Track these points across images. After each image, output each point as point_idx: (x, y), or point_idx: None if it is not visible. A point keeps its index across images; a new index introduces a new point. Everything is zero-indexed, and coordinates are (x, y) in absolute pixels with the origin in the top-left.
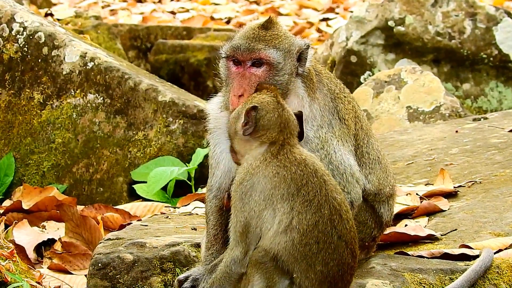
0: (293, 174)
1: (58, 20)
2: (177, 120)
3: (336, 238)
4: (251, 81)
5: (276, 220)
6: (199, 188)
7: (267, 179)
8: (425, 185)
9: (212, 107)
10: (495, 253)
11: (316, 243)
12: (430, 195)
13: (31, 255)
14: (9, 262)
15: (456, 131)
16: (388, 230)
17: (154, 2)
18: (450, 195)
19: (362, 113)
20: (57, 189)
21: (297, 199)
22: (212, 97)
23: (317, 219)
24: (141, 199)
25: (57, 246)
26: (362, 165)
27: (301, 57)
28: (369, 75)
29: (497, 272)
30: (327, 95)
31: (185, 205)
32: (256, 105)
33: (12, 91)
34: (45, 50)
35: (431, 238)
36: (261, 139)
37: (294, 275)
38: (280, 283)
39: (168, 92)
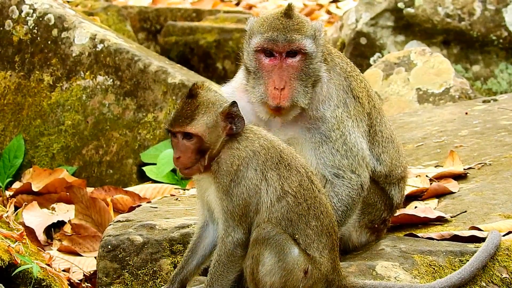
0: (272, 143)
1: (68, 2)
2: None
3: (318, 192)
4: (289, 73)
5: (270, 190)
6: None
7: (257, 153)
8: (435, 167)
9: (227, 90)
10: (504, 235)
11: (305, 201)
12: (439, 177)
13: (41, 237)
14: (19, 244)
15: (466, 113)
16: (397, 212)
17: None
18: (459, 177)
19: (374, 92)
20: (67, 171)
21: (280, 166)
22: (228, 81)
23: (299, 179)
24: (150, 181)
25: (67, 228)
26: (376, 143)
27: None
28: (379, 57)
29: (507, 254)
30: (341, 74)
31: (195, 187)
32: (234, 100)
33: (22, 73)
34: (54, 32)
35: (440, 220)
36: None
37: (296, 237)
38: (290, 253)
39: (178, 74)
